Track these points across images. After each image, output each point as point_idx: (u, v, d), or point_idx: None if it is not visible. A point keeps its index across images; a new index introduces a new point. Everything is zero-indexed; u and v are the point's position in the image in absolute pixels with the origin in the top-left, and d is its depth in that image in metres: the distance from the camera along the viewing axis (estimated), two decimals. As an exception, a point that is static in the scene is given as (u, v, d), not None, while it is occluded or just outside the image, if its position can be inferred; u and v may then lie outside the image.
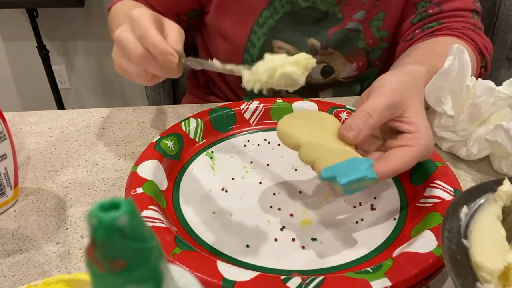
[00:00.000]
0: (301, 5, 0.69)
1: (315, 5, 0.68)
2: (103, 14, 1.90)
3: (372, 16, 0.69)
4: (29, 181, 0.52)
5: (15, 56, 2.00)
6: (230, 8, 0.70)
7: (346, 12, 0.69)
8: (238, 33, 0.71)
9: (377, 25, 0.70)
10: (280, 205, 0.46)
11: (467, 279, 0.26)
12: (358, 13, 0.69)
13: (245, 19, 0.70)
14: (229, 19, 0.71)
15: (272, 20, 0.70)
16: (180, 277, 0.20)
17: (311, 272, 0.38)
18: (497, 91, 0.52)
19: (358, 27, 0.70)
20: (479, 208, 0.31)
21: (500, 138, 0.49)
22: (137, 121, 0.65)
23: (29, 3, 1.67)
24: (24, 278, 0.39)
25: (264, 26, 0.70)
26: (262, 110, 0.60)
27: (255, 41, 0.71)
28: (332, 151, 0.40)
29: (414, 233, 0.41)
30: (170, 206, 0.46)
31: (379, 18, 0.69)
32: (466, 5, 0.67)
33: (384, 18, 0.69)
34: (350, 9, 0.69)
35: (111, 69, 2.05)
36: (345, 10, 0.69)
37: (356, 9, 0.69)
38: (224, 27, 0.72)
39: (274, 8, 0.69)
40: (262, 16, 0.69)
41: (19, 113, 0.67)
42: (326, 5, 0.68)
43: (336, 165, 0.38)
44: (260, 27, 0.70)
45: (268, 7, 0.69)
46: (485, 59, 0.68)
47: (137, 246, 0.15)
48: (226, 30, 0.72)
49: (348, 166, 0.37)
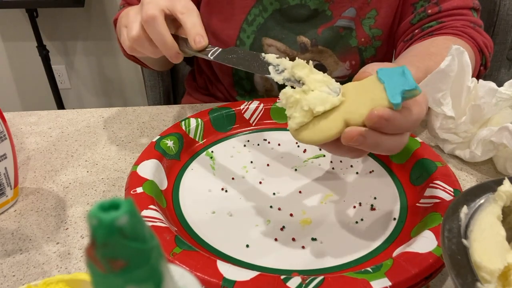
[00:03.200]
0: (290, 3, 0.69)
1: (304, 3, 0.68)
2: (103, 14, 1.90)
3: (364, 14, 0.69)
4: (29, 181, 0.52)
5: (15, 56, 2.00)
6: (219, 6, 0.70)
7: (335, 9, 0.69)
8: (228, 31, 0.71)
9: (369, 23, 0.69)
10: (280, 205, 0.46)
11: (467, 279, 0.26)
12: (347, 10, 0.69)
13: (234, 17, 0.70)
14: (218, 17, 0.71)
15: (261, 18, 0.70)
16: (180, 277, 0.20)
17: (311, 272, 0.38)
18: (499, 92, 0.52)
19: (350, 25, 0.70)
20: (479, 208, 0.31)
21: (506, 139, 0.49)
22: (137, 121, 0.65)
23: (29, 3, 1.67)
24: (24, 278, 0.39)
25: (253, 24, 0.70)
26: (262, 110, 0.60)
27: (245, 39, 0.71)
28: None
29: (414, 233, 0.41)
30: (170, 205, 0.46)
31: (371, 16, 0.69)
32: (465, 3, 0.67)
33: (376, 16, 0.69)
34: (339, 6, 0.69)
35: (111, 69, 2.05)
36: (334, 7, 0.69)
37: (345, 6, 0.69)
38: (214, 25, 0.72)
39: (263, 6, 0.69)
40: (251, 14, 0.69)
41: (19, 113, 0.67)
42: (314, 3, 0.68)
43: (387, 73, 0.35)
44: (249, 25, 0.70)
45: (257, 5, 0.69)
46: (485, 57, 0.67)
47: (137, 246, 0.15)
48: (215, 28, 0.72)
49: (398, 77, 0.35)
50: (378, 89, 0.34)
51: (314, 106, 0.35)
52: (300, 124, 0.36)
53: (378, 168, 0.52)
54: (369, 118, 0.33)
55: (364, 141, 0.34)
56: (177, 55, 0.49)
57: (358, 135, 0.33)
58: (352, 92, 0.36)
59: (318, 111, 0.35)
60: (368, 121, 0.33)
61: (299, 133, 0.37)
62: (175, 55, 0.49)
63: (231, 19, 0.70)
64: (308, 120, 0.36)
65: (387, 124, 0.33)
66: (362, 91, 0.36)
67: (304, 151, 0.55)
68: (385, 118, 0.33)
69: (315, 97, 0.35)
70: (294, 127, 0.36)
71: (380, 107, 0.33)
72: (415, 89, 0.33)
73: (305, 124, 0.36)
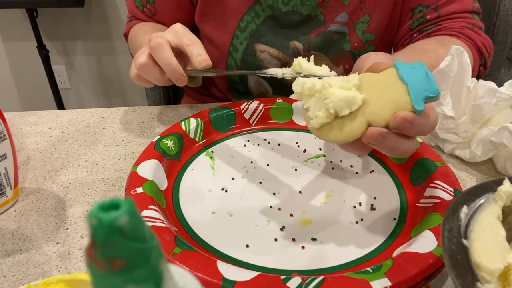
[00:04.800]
0: (282, 9, 0.68)
1: (296, 9, 0.68)
2: (103, 14, 1.90)
3: (357, 19, 0.69)
4: (29, 181, 0.52)
5: (15, 56, 2.00)
6: (212, 13, 0.71)
7: (328, 14, 0.69)
8: (221, 38, 0.71)
9: (362, 27, 0.69)
10: (280, 205, 0.46)
11: (467, 279, 0.26)
12: (339, 15, 0.69)
13: (227, 24, 0.71)
14: (212, 24, 0.71)
15: (253, 24, 0.70)
16: (180, 277, 0.20)
17: (311, 272, 0.38)
18: (499, 92, 0.52)
19: (343, 30, 0.70)
20: (479, 208, 0.31)
21: (506, 139, 0.49)
22: (137, 121, 0.65)
23: (29, 3, 1.67)
24: (24, 278, 0.39)
25: (246, 30, 0.70)
26: (262, 110, 0.60)
27: (238, 45, 0.71)
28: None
29: (414, 233, 0.41)
30: (170, 206, 0.46)
31: (364, 20, 0.69)
32: (465, 6, 0.67)
33: (369, 20, 0.69)
34: (332, 11, 0.68)
35: (111, 69, 2.05)
36: (327, 12, 0.69)
37: (338, 11, 0.68)
38: (208, 32, 0.72)
39: (255, 12, 0.69)
40: (243, 21, 0.70)
41: (19, 113, 0.67)
42: (307, 8, 0.68)
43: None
44: (242, 31, 0.70)
45: (249, 11, 0.69)
46: (484, 57, 0.67)
47: (137, 246, 0.15)
48: (210, 35, 0.73)
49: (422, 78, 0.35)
50: (400, 91, 0.35)
51: (341, 109, 0.35)
52: (323, 124, 0.36)
53: (378, 168, 0.52)
54: (394, 119, 0.34)
55: (383, 141, 0.35)
56: (181, 78, 0.53)
57: (379, 135, 0.35)
58: (372, 88, 0.36)
59: (344, 114, 0.35)
60: (392, 122, 0.34)
61: (321, 132, 0.37)
62: (180, 78, 0.53)
63: (224, 25, 0.71)
64: (330, 120, 0.36)
65: (410, 127, 0.34)
66: (383, 88, 0.36)
67: (304, 151, 0.55)
68: (408, 120, 0.34)
69: (340, 98, 0.35)
70: (316, 127, 0.37)
71: (404, 111, 0.34)
72: (438, 96, 0.34)
73: (327, 123, 0.37)
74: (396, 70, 0.36)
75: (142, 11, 0.75)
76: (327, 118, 0.36)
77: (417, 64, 0.35)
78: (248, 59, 0.72)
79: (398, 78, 0.35)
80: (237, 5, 0.69)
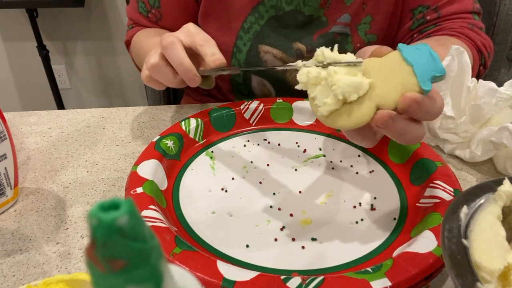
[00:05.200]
0: (285, 9, 0.68)
1: (299, 8, 0.68)
2: (103, 14, 1.90)
3: (360, 20, 0.69)
4: (29, 181, 0.52)
5: (15, 56, 2.01)
6: (216, 14, 0.70)
7: (330, 16, 0.69)
8: (224, 39, 0.71)
9: (365, 28, 0.69)
10: (280, 205, 0.46)
11: (467, 279, 0.26)
12: (342, 16, 0.69)
13: (231, 24, 0.70)
14: (215, 25, 0.71)
15: (257, 25, 0.70)
16: (180, 277, 0.20)
17: (311, 272, 0.38)
18: (499, 92, 0.52)
19: (345, 31, 0.70)
20: (479, 208, 0.31)
21: (506, 139, 0.49)
22: (137, 121, 0.65)
23: (29, 3, 1.67)
24: (24, 278, 0.39)
25: (249, 32, 0.70)
26: (262, 110, 0.60)
27: (241, 47, 0.71)
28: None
29: (414, 233, 0.41)
30: (170, 206, 0.46)
31: (366, 21, 0.69)
32: (465, 7, 0.67)
33: (371, 21, 0.69)
34: (334, 12, 0.68)
35: (111, 69, 2.05)
36: (329, 13, 0.69)
37: (340, 12, 0.68)
38: (211, 33, 0.72)
39: (259, 13, 0.69)
40: (247, 22, 0.69)
41: (19, 113, 0.67)
42: (309, 9, 0.68)
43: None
44: (246, 32, 0.70)
45: (253, 12, 0.69)
46: (484, 57, 0.67)
47: (137, 246, 0.15)
48: (213, 36, 0.72)
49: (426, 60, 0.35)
50: (406, 72, 0.35)
51: (349, 95, 0.35)
52: (331, 111, 0.36)
53: (378, 168, 0.52)
54: (403, 100, 0.34)
55: (393, 124, 0.35)
56: (195, 78, 0.51)
57: (388, 117, 0.34)
58: (377, 72, 0.36)
59: (352, 99, 0.35)
60: (401, 103, 0.34)
61: (330, 119, 0.37)
62: (193, 78, 0.51)
63: (228, 27, 0.71)
64: (339, 106, 0.36)
65: (418, 108, 0.34)
66: (389, 71, 0.36)
67: (304, 151, 0.55)
68: (417, 101, 0.34)
69: (348, 84, 0.35)
70: (325, 114, 0.36)
71: (412, 92, 0.34)
72: (444, 75, 0.34)
73: (335, 110, 0.36)
74: (400, 53, 0.36)
75: (146, 17, 0.74)
76: (335, 104, 0.36)
77: (420, 45, 0.35)
78: (251, 60, 0.72)
79: (403, 60, 0.35)
80: (241, 6, 0.69)
